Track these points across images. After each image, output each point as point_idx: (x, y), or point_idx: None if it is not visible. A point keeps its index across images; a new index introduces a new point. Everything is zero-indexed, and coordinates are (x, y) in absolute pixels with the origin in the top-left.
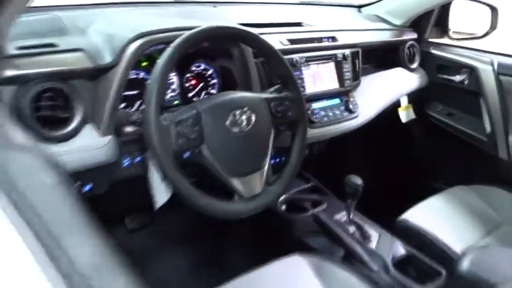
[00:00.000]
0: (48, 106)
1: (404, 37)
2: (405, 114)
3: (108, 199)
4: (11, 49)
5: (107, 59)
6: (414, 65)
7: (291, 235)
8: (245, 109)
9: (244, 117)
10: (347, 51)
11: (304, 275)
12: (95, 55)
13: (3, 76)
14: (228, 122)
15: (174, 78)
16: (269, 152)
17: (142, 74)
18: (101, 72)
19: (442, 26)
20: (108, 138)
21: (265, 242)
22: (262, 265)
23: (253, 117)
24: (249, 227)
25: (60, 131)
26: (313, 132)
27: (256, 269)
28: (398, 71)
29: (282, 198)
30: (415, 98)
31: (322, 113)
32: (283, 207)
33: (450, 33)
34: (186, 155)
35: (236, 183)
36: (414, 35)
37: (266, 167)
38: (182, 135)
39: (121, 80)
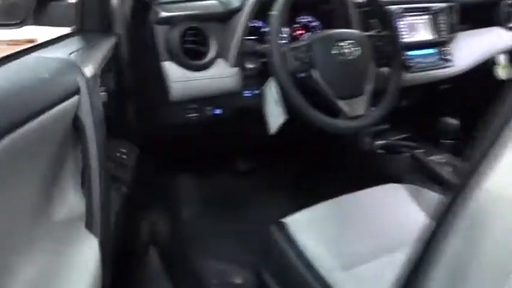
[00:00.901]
0: (191, 41)
1: None
2: (504, 72)
3: (232, 129)
4: None
5: (235, 4)
6: None
7: (387, 172)
8: (350, 41)
9: (348, 48)
10: (443, 5)
11: (401, 200)
12: (225, 2)
13: (159, 17)
14: (334, 51)
15: (285, 28)
16: (370, 81)
17: (259, 23)
18: (230, 16)
19: None
20: (235, 69)
21: (363, 179)
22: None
23: (356, 49)
24: (347, 169)
25: (199, 61)
26: (409, 76)
27: (354, 193)
28: (496, 29)
29: (379, 143)
30: None
31: (418, 59)
32: (380, 151)
33: None
34: (300, 75)
35: (342, 104)
36: None
37: (367, 94)
38: (297, 59)
39: (245, 22)
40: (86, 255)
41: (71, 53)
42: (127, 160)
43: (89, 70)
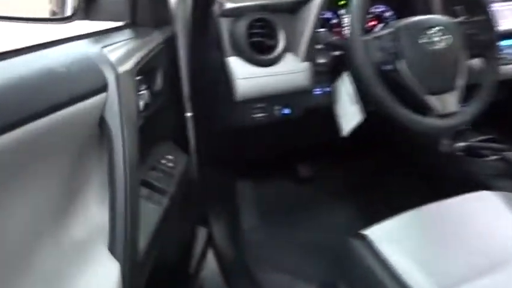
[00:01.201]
0: (258, 34)
1: None
2: None
3: (299, 130)
4: None
5: None
6: None
7: (471, 177)
8: (439, 28)
9: (438, 36)
10: None
11: (498, 210)
12: None
13: (224, 8)
14: (422, 40)
15: None
16: (462, 74)
17: (329, 14)
18: (300, 6)
19: None
20: (306, 64)
21: (444, 185)
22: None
23: (447, 38)
24: (425, 173)
25: (267, 56)
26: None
27: (440, 202)
28: None
29: (460, 144)
30: None
31: (508, 51)
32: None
33: None
34: (385, 67)
35: (431, 100)
36: None
37: (459, 89)
38: (382, 49)
39: (317, 12)
40: (103, 279)
41: (104, 47)
42: (173, 169)
43: (123, 66)
